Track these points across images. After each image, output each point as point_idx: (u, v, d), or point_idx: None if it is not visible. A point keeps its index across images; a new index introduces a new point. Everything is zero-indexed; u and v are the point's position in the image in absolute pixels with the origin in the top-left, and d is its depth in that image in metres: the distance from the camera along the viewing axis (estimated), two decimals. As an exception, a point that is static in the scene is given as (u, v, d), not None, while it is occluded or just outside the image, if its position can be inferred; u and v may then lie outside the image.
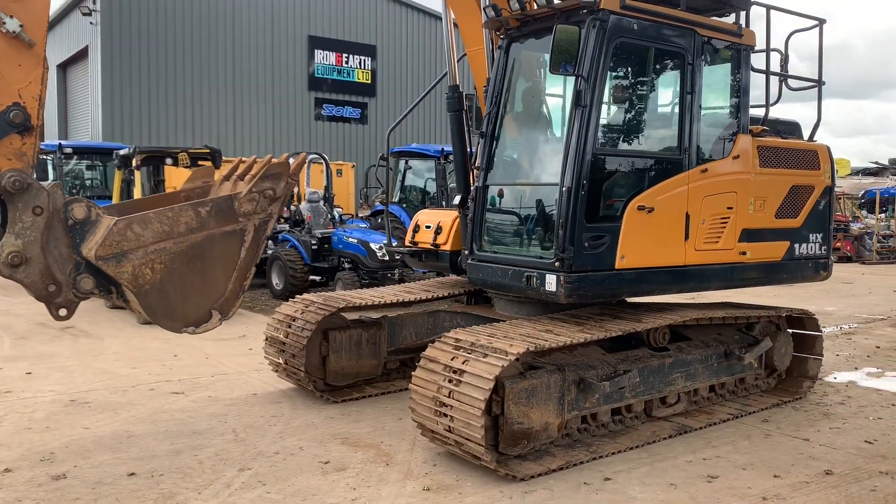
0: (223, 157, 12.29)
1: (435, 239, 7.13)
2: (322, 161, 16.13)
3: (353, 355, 6.75)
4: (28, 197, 3.73)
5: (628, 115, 6.15)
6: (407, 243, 7.53)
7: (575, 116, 5.44)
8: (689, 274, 6.05)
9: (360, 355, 6.80)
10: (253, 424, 6.01)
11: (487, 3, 6.30)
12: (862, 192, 28.07)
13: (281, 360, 6.68)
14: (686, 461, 5.31)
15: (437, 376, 4.99)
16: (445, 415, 4.85)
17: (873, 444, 5.77)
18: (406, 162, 15.56)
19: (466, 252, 6.44)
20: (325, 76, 28.89)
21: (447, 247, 7.03)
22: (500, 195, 6.25)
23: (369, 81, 29.89)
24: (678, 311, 6.19)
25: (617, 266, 5.59)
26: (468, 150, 7.00)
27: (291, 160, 4.56)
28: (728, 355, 6.52)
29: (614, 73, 5.93)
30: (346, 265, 12.73)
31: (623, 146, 6.02)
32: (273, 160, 4.42)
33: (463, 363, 4.87)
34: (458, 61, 7.38)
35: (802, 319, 7.14)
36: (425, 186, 15.37)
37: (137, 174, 11.97)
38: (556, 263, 5.41)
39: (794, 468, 5.20)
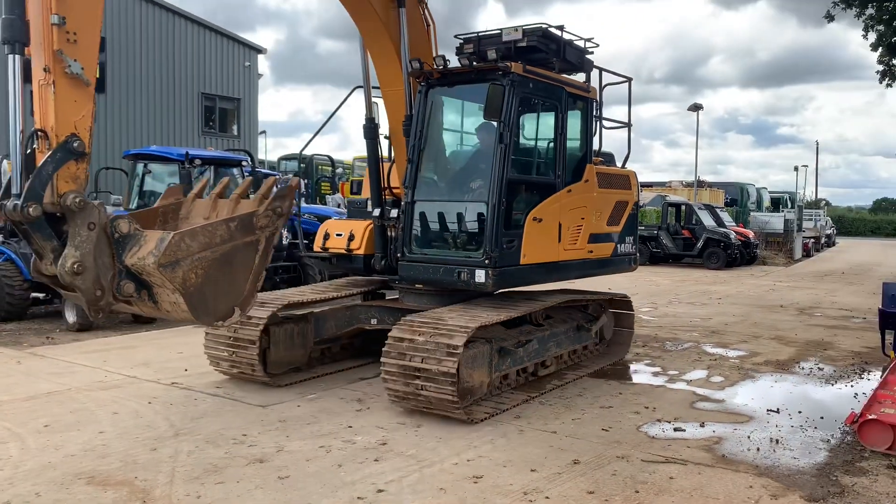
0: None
1: (348, 245, 8.35)
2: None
3: (288, 346, 7.75)
4: (85, 214, 4.37)
5: (527, 150, 8.05)
6: (317, 249, 8.60)
7: (497, 150, 7.16)
8: (560, 267, 8.09)
9: (293, 346, 7.82)
10: (-32, 472, 5.13)
11: (411, 58, 7.76)
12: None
13: (226, 354, 7.49)
14: (452, 464, 5.48)
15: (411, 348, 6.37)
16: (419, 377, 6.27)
17: (609, 430, 6.42)
18: (145, 166, 14.31)
19: (398, 256, 7.71)
20: (43, 67, 25.84)
21: (361, 251, 8.27)
22: (427, 209, 7.71)
23: (97, 76, 27.30)
24: (554, 296, 8.16)
25: (521, 262, 7.41)
26: (382, 171, 8.28)
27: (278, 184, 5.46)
28: (580, 328, 8.70)
29: (519, 119, 7.62)
30: (77, 279, 11.46)
31: (525, 173, 7.86)
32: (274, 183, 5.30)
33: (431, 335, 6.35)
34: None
35: (622, 302, 9.43)
36: (167, 192, 14.31)
37: None
38: (486, 261, 7.08)
39: (547, 461, 5.60)
